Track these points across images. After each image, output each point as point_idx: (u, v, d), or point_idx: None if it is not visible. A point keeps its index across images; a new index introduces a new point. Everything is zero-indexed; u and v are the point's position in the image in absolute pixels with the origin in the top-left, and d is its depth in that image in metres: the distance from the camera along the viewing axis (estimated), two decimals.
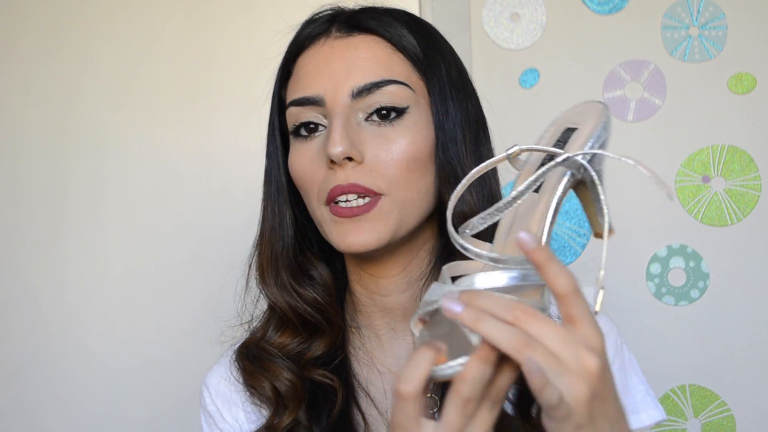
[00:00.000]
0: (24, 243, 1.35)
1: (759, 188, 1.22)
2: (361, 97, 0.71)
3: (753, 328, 1.22)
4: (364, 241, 0.70)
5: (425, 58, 0.74)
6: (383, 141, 0.70)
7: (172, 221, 1.34)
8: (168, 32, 1.34)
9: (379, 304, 0.78)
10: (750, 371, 1.22)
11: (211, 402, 0.80)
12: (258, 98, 1.35)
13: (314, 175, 0.72)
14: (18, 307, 1.35)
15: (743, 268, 1.22)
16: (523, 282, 0.55)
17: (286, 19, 1.36)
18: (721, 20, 1.22)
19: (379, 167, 0.70)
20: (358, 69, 0.71)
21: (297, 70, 0.76)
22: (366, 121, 0.71)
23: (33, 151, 1.36)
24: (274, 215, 0.78)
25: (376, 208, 0.70)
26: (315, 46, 0.75)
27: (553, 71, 1.27)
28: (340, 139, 0.68)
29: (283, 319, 0.78)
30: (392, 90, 0.71)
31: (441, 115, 0.73)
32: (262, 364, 0.77)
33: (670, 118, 1.24)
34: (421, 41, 0.74)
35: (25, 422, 1.35)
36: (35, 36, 1.35)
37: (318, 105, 0.72)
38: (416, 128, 0.72)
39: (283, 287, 0.77)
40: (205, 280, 1.33)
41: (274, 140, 0.79)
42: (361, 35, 0.73)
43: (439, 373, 0.54)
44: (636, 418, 0.76)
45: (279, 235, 0.78)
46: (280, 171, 0.78)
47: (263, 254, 0.78)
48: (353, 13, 0.75)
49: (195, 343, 1.33)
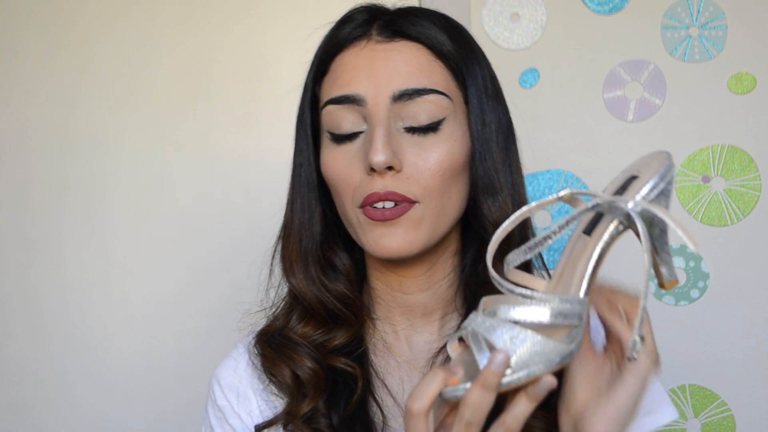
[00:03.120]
0: (24, 243, 1.35)
1: (759, 188, 1.22)
2: (401, 101, 0.71)
3: (753, 328, 1.22)
4: (397, 245, 0.71)
5: (464, 66, 0.75)
6: (421, 150, 0.71)
7: (171, 221, 1.34)
8: (168, 32, 1.34)
9: (399, 301, 0.79)
10: (750, 371, 1.22)
11: (222, 396, 0.80)
12: (258, 98, 1.36)
13: (350, 177, 0.73)
14: (18, 307, 1.35)
15: (743, 268, 1.22)
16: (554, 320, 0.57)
17: (286, 20, 1.37)
18: (721, 20, 1.22)
19: (415, 176, 0.71)
20: (400, 73, 0.72)
21: (335, 68, 0.75)
22: (405, 130, 0.72)
23: (33, 151, 1.36)
24: (303, 210, 0.78)
25: (407, 214, 0.71)
26: (355, 47, 0.74)
27: (553, 71, 1.27)
28: (382, 149, 0.69)
29: (307, 309, 0.78)
30: (432, 99, 0.71)
31: (479, 125, 0.74)
32: (284, 352, 0.77)
33: (670, 118, 1.24)
34: (459, 48, 0.75)
35: (25, 422, 1.35)
36: (35, 36, 1.35)
37: (358, 104, 0.72)
38: (453, 138, 0.73)
39: (312, 281, 0.77)
40: (205, 280, 1.34)
41: (305, 136, 0.78)
42: (403, 41, 0.74)
43: (446, 395, 0.58)
44: (654, 417, 0.77)
45: (309, 230, 0.78)
46: (311, 167, 0.78)
47: (291, 247, 0.78)
48: (393, 17, 0.75)
49: (195, 343, 1.33)
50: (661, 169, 0.60)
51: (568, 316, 0.58)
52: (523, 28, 1.28)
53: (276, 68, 1.33)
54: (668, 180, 0.60)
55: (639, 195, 0.59)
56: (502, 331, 0.57)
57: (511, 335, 0.57)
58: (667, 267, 0.63)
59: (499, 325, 0.57)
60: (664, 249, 0.62)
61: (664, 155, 0.62)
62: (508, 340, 0.57)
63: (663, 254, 0.62)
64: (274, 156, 1.31)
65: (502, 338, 0.57)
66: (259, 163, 1.33)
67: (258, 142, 1.33)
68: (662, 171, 0.60)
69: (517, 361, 0.56)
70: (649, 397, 0.77)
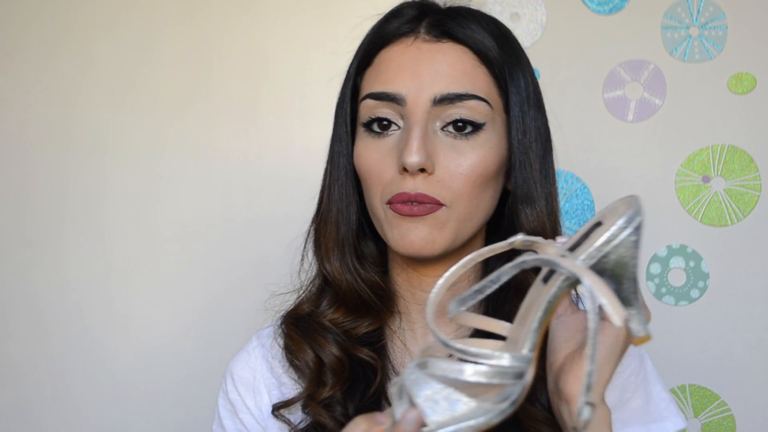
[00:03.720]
0: (24, 243, 1.35)
1: (759, 188, 1.22)
2: (442, 105, 0.71)
3: (753, 328, 1.22)
4: (421, 244, 0.71)
5: (508, 73, 0.74)
6: (455, 154, 0.71)
7: (171, 221, 1.34)
8: (168, 32, 1.34)
9: (417, 298, 0.79)
10: (750, 371, 1.22)
11: (233, 389, 0.80)
12: (258, 98, 1.36)
13: (382, 173, 0.73)
14: (18, 307, 1.35)
15: (743, 268, 1.22)
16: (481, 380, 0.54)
17: (286, 20, 1.37)
18: (721, 20, 1.22)
19: (446, 180, 0.71)
20: (443, 76, 0.71)
21: (379, 63, 0.75)
22: (441, 130, 0.72)
23: (33, 151, 1.36)
24: (342, 198, 0.78)
25: (433, 214, 0.71)
26: (402, 43, 0.74)
27: (553, 71, 1.26)
28: (417, 150, 0.69)
29: (338, 296, 0.78)
30: (472, 105, 0.71)
31: (519, 134, 0.74)
32: (311, 335, 0.77)
33: (670, 118, 1.24)
34: (505, 55, 0.74)
35: (25, 422, 1.35)
36: (35, 36, 1.35)
37: (397, 103, 0.72)
38: (488, 146, 0.72)
39: (348, 269, 0.77)
40: (205, 280, 1.34)
41: (344, 125, 0.78)
42: (450, 43, 0.73)
43: None
44: (661, 425, 0.77)
45: (346, 218, 0.78)
46: (349, 156, 0.77)
47: (328, 234, 0.78)
48: (442, 17, 0.75)
49: (196, 343, 1.33)
50: (619, 220, 0.57)
51: (503, 375, 0.54)
52: (523, 28, 1.28)
53: (276, 68, 1.33)
54: (635, 225, 0.56)
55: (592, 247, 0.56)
56: (425, 387, 0.54)
57: (434, 391, 0.54)
58: (637, 321, 0.59)
59: (424, 380, 0.54)
60: (633, 303, 0.58)
61: (633, 200, 0.58)
62: (429, 396, 0.53)
63: (630, 310, 0.58)
64: (273, 155, 1.31)
65: (424, 394, 0.54)
66: (258, 162, 1.33)
67: (258, 142, 1.33)
68: (622, 220, 0.56)
69: (436, 421, 0.53)
70: (655, 405, 0.77)
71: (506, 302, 0.75)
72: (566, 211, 1.27)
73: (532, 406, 0.71)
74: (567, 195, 1.26)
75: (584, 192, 1.26)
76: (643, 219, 0.57)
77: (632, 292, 0.58)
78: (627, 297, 0.58)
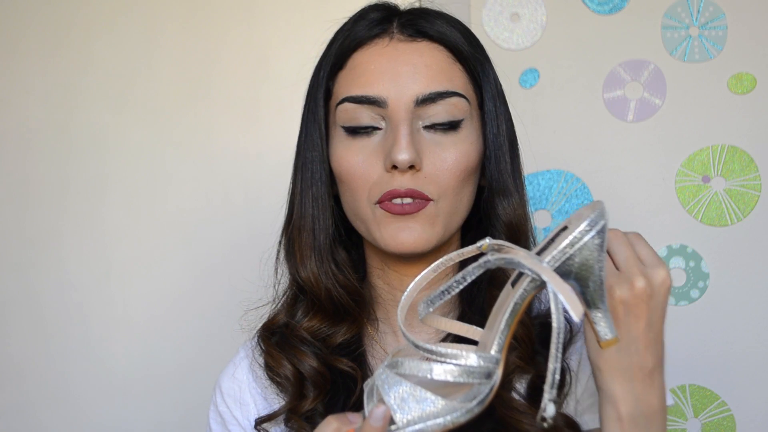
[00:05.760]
0: (24, 243, 1.35)
1: (759, 188, 1.22)
2: (424, 104, 0.72)
3: (753, 328, 1.22)
4: (414, 240, 0.72)
5: (480, 69, 0.76)
6: (439, 149, 0.72)
7: (171, 221, 1.34)
8: (168, 32, 1.34)
9: (398, 300, 0.79)
10: (750, 371, 1.22)
11: (222, 401, 0.81)
12: (258, 98, 1.36)
13: (367, 173, 0.73)
14: (18, 307, 1.35)
15: (743, 268, 1.22)
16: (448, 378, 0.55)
17: (286, 20, 1.37)
18: (721, 20, 1.22)
19: (433, 175, 0.72)
20: (423, 76, 0.72)
21: (354, 65, 0.75)
22: (424, 128, 0.73)
23: (33, 151, 1.36)
24: (316, 204, 0.77)
25: (423, 210, 0.72)
26: (377, 45, 0.75)
27: (553, 71, 1.27)
28: (407, 147, 0.70)
29: (314, 303, 0.78)
30: (453, 102, 0.73)
31: (494, 128, 0.76)
32: (288, 349, 0.77)
33: (670, 118, 1.24)
34: (474, 51, 0.76)
35: (25, 422, 1.35)
36: (35, 36, 1.35)
37: (378, 106, 0.72)
38: (469, 140, 0.74)
39: (325, 274, 0.77)
40: (205, 280, 1.34)
41: (316, 129, 0.78)
42: (425, 42, 0.74)
43: None
44: None
45: (322, 223, 0.77)
46: (322, 161, 0.77)
47: (303, 242, 0.78)
48: (413, 17, 0.75)
49: (195, 343, 1.33)
50: (582, 224, 0.58)
51: (471, 374, 0.55)
52: (523, 28, 1.28)
53: (276, 68, 1.33)
54: (599, 229, 0.58)
55: (556, 250, 0.57)
56: (395, 386, 0.55)
57: (403, 390, 0.55)
58: (604, 324, 0.60)
59: (394, 380, 0.56)
60: (599, 306, 0.59)
61: (597, 204, 0.60)
62: (399, 395, 0.55)
63: (596, 312, 0.59)
64: (274, 156, 1.31)
65: (393, 393, 0.55)
66: (259, 162, 1.33)
67: (258, 141, 1.33)
68: (585, 224, 0.57)
69: (405, 419, 0.54)
70: None
71: (479, 295, 0.76)
72: (566, 211, 1.27)
73: (508, 393, 0.71)
74: (567, 195, 1.26)
75: (584, 192, 1.26)
76: (607, 222, 0.58)
77: (598, 295, 0.59)
78: (593, 299, 0.59)
